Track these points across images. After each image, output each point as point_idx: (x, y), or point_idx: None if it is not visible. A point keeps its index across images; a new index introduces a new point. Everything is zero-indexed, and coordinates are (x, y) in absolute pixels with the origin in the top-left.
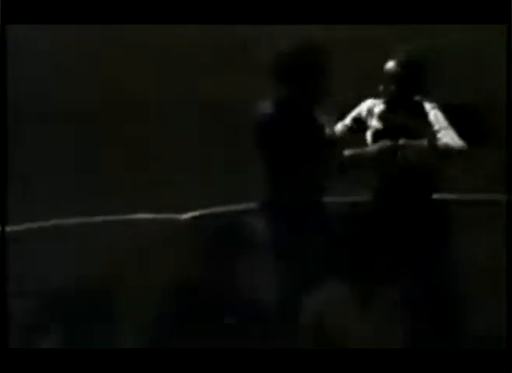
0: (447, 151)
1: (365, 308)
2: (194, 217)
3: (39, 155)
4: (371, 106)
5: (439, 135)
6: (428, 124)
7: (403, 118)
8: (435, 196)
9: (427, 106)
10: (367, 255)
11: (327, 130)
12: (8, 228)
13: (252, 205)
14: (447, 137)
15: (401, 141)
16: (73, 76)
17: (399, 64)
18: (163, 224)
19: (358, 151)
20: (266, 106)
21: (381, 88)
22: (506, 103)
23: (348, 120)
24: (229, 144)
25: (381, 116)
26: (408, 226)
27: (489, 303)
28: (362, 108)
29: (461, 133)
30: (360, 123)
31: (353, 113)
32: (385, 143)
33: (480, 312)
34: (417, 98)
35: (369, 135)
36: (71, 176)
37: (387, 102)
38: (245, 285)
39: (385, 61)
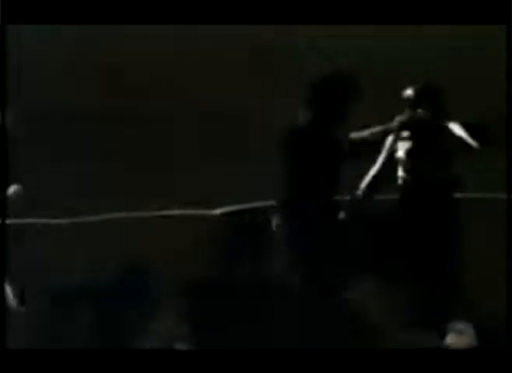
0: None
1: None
2: (222, 214)
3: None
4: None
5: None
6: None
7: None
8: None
9: (450, 124)
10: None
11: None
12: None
13: (276, 203)
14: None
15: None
16: (76, 77)
17: (417, 91)
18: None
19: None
20: (296, 121)
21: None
22: (507, 104)
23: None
24: (255, 148)
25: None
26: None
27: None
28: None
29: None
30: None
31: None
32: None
33: (480, 311)
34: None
35: (401, 153)
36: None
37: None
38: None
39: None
